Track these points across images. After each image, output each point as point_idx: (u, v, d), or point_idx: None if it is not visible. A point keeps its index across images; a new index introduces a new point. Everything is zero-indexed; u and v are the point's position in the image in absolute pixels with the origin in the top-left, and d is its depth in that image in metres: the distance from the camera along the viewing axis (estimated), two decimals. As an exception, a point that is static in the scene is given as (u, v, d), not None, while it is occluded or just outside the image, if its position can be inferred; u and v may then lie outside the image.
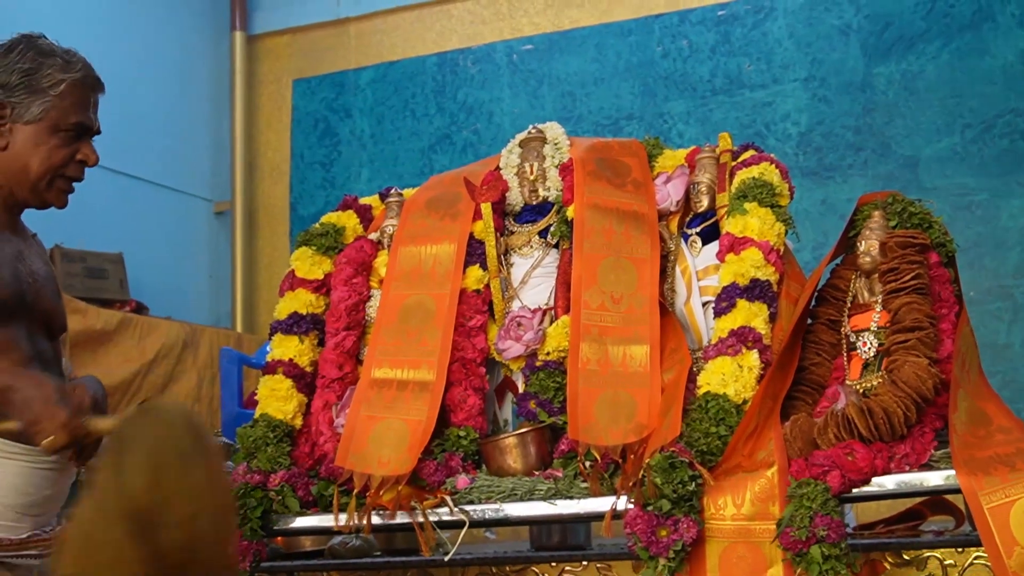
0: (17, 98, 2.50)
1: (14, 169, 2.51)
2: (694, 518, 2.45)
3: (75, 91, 2.56)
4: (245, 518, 2.83)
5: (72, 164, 2.58)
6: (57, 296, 2.64)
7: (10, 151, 2.51)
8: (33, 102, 2.51)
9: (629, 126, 7.00)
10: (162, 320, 6.70)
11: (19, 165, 2.51)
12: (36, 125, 2.52)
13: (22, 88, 2.50)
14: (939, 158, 6.36)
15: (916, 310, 2.62)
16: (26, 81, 2.51)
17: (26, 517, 2.42)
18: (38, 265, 2.58)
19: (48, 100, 2.52)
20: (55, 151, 2.54)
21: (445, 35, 7.63)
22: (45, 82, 2.52)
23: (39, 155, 2.52)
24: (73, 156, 2.57)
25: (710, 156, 3.10)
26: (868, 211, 2.87)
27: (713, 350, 2.73)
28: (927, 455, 2.50)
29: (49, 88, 2.52)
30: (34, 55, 2.53)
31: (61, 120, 2.53)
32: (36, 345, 2.51)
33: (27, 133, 2.51)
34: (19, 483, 2.39)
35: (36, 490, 2.43)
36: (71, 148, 2.56)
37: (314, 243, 3.34)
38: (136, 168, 7.09)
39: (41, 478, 2.43)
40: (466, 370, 3.03)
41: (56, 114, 2.53)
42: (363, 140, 7.76)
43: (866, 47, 6.59)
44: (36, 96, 2.51)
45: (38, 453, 2.40)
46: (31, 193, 2.54)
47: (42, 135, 2.52)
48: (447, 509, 2.77)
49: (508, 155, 3.31)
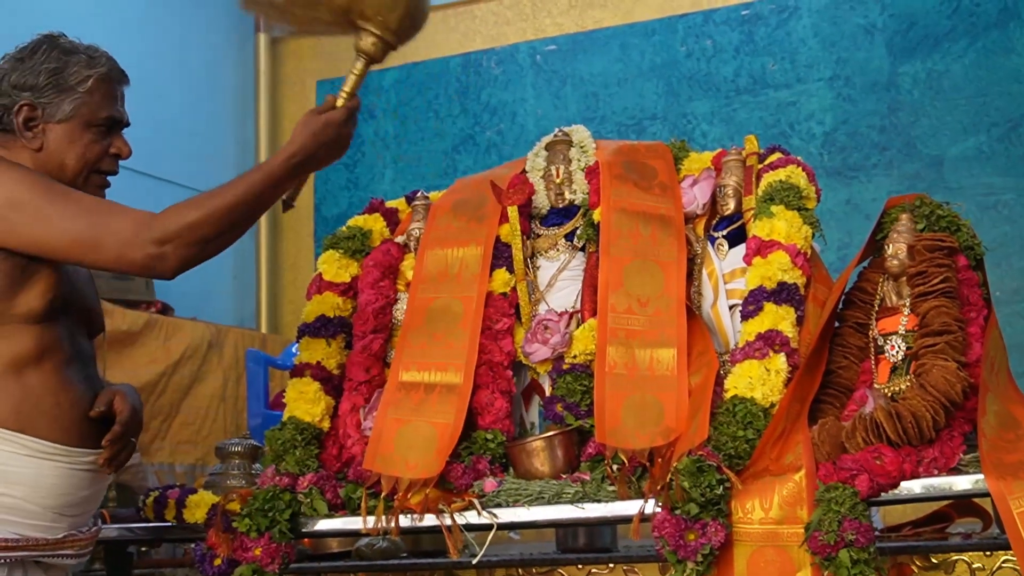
0: (47, 98, 2.53)
1: (50, 168, 2.54)
2: (722, 522, 2.44)
3: (103, 86, 2.60)
4: (274, 521, 2.84)
5: (106, 158, 2.62)
6: (96, 297, 2.68)
7: (45, 151, 2.54)
8: (63, 100, 2.54)
9: (653, 126, 6.99)
10: (187, 321, 6.73)
11: (55, 164, 2.54)
12: (68, 123, 2.55)
13: (50, 88, 2.54)
14: (965, 157, 6.33)
15: (944, 314, 2.61)
16: (54, 80, 2.54)
17: (63, 517, 2.45)
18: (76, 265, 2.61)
19: (78, 97, 2.55)
20: (89, 147, 2.57)
21: (469, 36, 7.63)
22: (73, 79, 2.55)
23: (74, 152, 2.55)
24: (107, 150, 2.61)
25: (736, 159, 3.10)
26: (895, 214, 2.86)
27: (740, 353, 2.73)
28: (956, 459, 2.49)
29: (77, 85, 2.55)
30: (59, 54, 2.56)
31: (92, 116, 2.57)
32: (77, 344, 2.54)
33: (59, 132, 2.55)
34: (56, 483, 2.42)
35: (73, 491, 2.46)
36: (104, 143, 2.60)
37: (341, 246, 3.35)
38: (161, 169, 7.11)
39: (78, 479, 2.46)
40: (493, 373, 3.03)
41: (87, 110, 2.56)
42: (387, 141, 7.77)
43: (891, 46, 6.57)
44: (65, 94, 2.54)
45: (74, 453, 2.44)
46: None
47: (75, 132, 2.55)
48: (474, 512, 2.78)
49: (534, 158, 3.31)
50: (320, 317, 3.26)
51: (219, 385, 6.73)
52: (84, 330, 2.59)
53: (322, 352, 3.21)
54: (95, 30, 2.80)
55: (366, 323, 3.20)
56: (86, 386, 2.53)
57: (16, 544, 2.36)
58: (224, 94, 8.03)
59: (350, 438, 3.06)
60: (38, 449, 2.38)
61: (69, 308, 2.51)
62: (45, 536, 2.41)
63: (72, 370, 2.50)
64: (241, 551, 2.82)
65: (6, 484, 2.35)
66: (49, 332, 2.44)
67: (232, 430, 6.52)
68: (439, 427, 2.91)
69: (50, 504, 2.41)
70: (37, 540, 2.40)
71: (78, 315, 2.56)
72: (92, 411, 2.48)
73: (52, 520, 2.43)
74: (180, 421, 6.49)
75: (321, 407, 3.13)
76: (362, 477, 2.90)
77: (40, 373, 2.42)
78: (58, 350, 2.46)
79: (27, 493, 2.38)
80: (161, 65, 7.13)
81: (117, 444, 2.50)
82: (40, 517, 2.40)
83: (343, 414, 3.13)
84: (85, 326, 2.60)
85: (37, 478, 2.39)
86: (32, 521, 2.39)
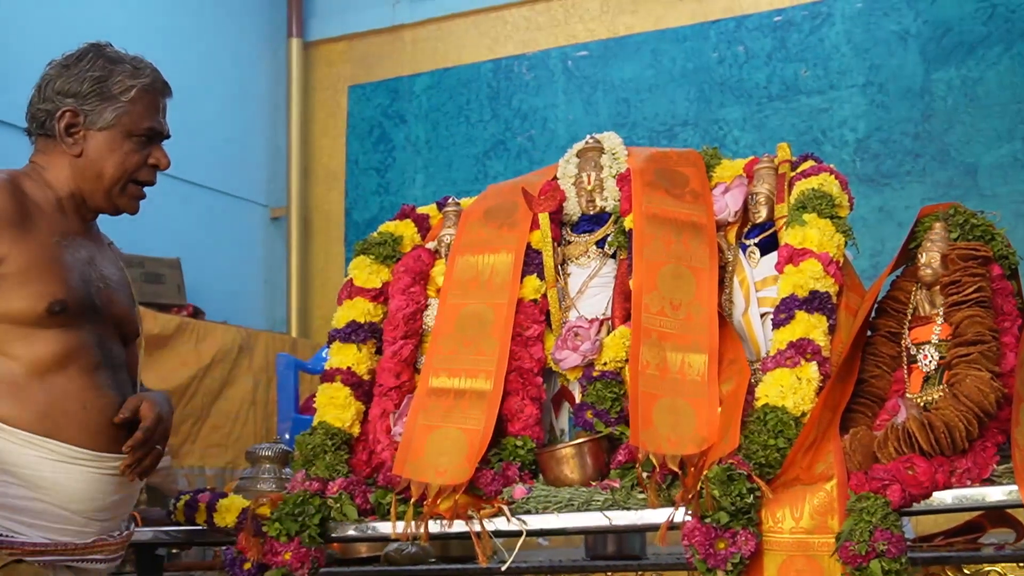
0: (90, 105, 2.55)
1: (89, 175, 2.57)
2: (752, 531, 2.44)
3: (146, 97, 2.61)
4: (303, 525, 2.85)
5: (144, 168, 2.63)
6: (131, 301, 2.69)
7: (84, 158, 2.56)
8: (106, 109, 2.56)
9: (684, 132, 6.99)
10: (218, 324, 6.78)
11: (94, 171, 2.57)
12: (109, 131, 2.57)
13: (94, 96, 2.55)
14: (999, 165, 6.29)
15: (978, 323, 2.59)
16: (98, 88, 2.56)
17: (92, 522, 2.46)
18: (111, 271, 2.62)
19: (120, 106, 2.57)
20: (129, 156, 2.59)
21: (500, 41, 7.65)
22: (116, 88, 2.57)
23: (113, 160, 2.57)
24: (145, 160, 2.62)
25: (768, 166, 3.09)
26: (929, 223, 2.84)
27: (771, 362, 2.72)
28: (989, 470, 2.47)
29: (120, 95, 2.57)
30: (104, 62, 2.58)
31: (134, 126, 2.59)
32: (107, 350, 2.54)
33: (100, 139, 2.57)
34: (85, 488, 2.42)
35: (102, 495, 2.46)
36: (143, 153, 2.62)
37: (372, 252, 3.36)
38: (194, 174, 7.16)
39: (107, 483, 2.46)
40: (523, 380, 3.03)
41: (128, 120, 2.58)
42: (418, 146, 7.80)
43: (925, 53, 6.53)
44: (108, 103, 2.56)
45: (102, 458, 2.44)
46: (105, 199, 2.59)
47: (115, 141, 2.57)
48: (503, 518, 2.77)
49: (565, 165, 3.31)
50: (351, 322, 3.27)
51: (249, 389, 6.77)
52: (116, 336, 2.60)
53: (352, 357, 3.22)
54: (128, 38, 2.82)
55: (396, 329, 3.21)
56: (116, 391, 2.53)
57: (46, 548, 2.37)
58: (256, 100, 8.08)
59: (380, 443, 3.07)
60: (65, 454, 2.39)
61: (96, 313, 2.52)
62: (75, 540, 2.42)
63: (101, 375, 2.50)
64: (271, 555, 2.83)
65: (35, 489, 2.37)
66: (74, 336, 2.44)
67: (262, 434, 6.56)
68: (469, 433, 2.92)
69: (79, 508, 2.42)
70: (67, 544, 2.41)
71: (109, 320, 2.57)
72: (117, 416, 2.49)
73: (82, 524, 2.44)
74: (211, 424, 6.53)
75: (351, 412, 3.14)
76: (392, 482, 2.91)
77: (66, 377, 2.43)
78: (85, 355, 2.46)
79: (56, 498, 2.39)
80: (194, 72, 7.18)
81: (139, 451, 2.49)
82: (69, 522, 2.41)
83: (373, 419, 3.13)
84: (117, 332, 2.61)
85: (66, 483, 2.39)
86: (61, 525, 2.40)
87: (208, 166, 7.39)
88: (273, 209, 8.10)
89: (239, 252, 7.82)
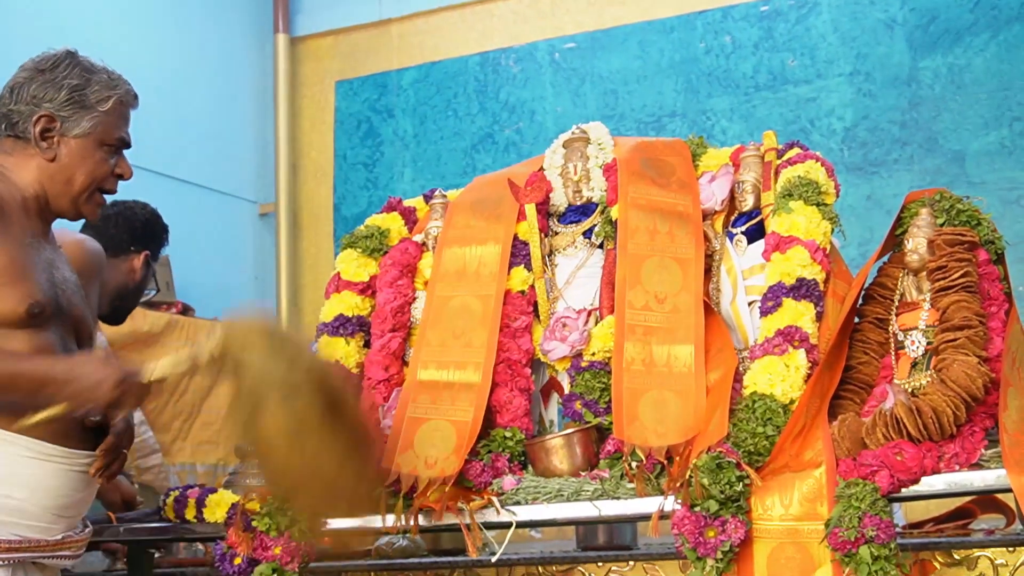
0: (66, 112, 2.57)
1: (58, 180, 2.58)
2: (742, 519, 2.44)
3: (120, 107, 2.65)
4: (293, 519, 2.84)
5: (111, 178, 2.65)
6: (85, 303, 2.70)
7: (56, 163, 2.58)
8: (83, 117, 2.58)
9: (672, 123, 6.98)
10: (208, 321, 6.75)
11: (64, 176, 2.58)
12: (84, 139, 2.59)
13: (71, 103, 2.57)
14: (987, 152, 6.28)
15: (965, 308, 2.59)
16: (76, 96, 2.58)
17: (61, 519, 2.48)
18: (67, 274, 2.64)
19: (97, 116, 2.59)
20: (100, 165, 2.62)
21: (487, 34, 7.62)
22: (94, 98, 2.59)
23: (85, 168, 2.60)
24: (113, 170, 2.64)
25: (755, 154, 3.09)
26: (915, 208, 2.84)
27: (759, 350, 2.72)
28: (977, 454, 2.48)
29: (97, 104, 2.59)
30: (81, 71, 2.60)
31: (107, 135, 2.62)
32: (69, 350, 2.56)
33: (74, 146, 2.58)
34: (57, 485, 2.44)
35: (71, 492, 2.48)
36: (111, 162, 2.64)
37: (359, 245, 3.36)
38: (181, 171, 7.13)
39: (76, 480, 2.48)
40: (512, 371, 3.03)
41: (103, 130, 2.61)
42: (406, 140, 7.77)
43: (912, 41, 6.53)
44: (85, 111, 2.58)
45: (73, 455, 2.45)
46: (70, 204, 2.61)
47: (88, 149, 2.60)
48: (493, 510, 2.77)
49: (552, 156, 3.31)
50: (339, 316, 3.27)
51: (241, 385, 6.74)
52: (73, 338, 2.62)
53: (341, 351, 3.22)
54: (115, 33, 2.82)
55: (384, 322, 3.20)
56: None
57: (18, 545, 2.39)
58: (243, 95, 8.05)
59: (369, 437, 3.07)
60: (41, 451, 2.40)
61: (60, 314, 2.53)
62: (45, 537, 2.44)
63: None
64: (261, 550, 2.83)
65: (10, 486, 2.38)
66: (42, 336, 2.46)
67: (254, 430, 6.53)
68: (458, 425, 2.92)
69: (49, 505, 2.44)
70: (38, 541, 2.42)
71: (69, 321, 2.59)
72: (88, 419, 2.49)
73: (51, 521, 2.45)
74: (202, 421, 6.50)
75: (340, 406, 3.13)
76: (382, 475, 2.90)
77: None
78: (52, 354, 2.48)
79: (29, 495, 2.40)
80: (180, 67, 7.15)
81: (110, 455, 2.53)
82: (40, 519, 2.43)
83: (362, 413, 3.13)
84: (74, 334, 2.63)
85: (40, 480, 2.41)
86: (32, 523, 2.42)
87: (195, 163, 7.35)
88: (261, 205, 8.07)
89: (228, 248, 7.79)
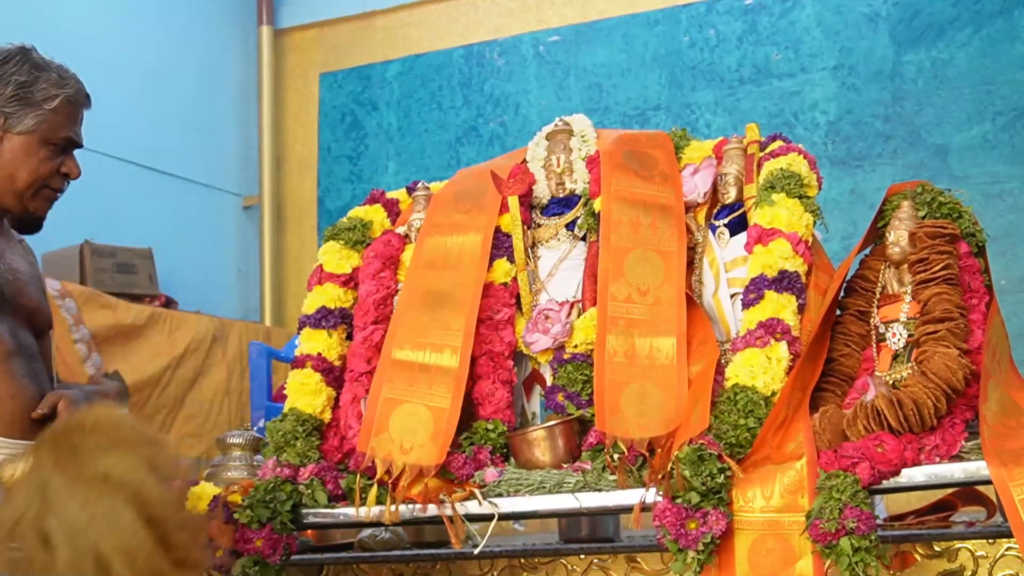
0: (11, 108, 2.58)
1: (1, 176, 2.59)
2: (723, 510, 2.44)
3: (68, 107, 2.64)
4: (275, 512, 2.84)
5: (56, 176, 2.65)
6: (42, 295, 2.70)
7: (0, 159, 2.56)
8: (27, 114, 2.58)
9: (656, 117, 6.99)
10: (191, 314, 6.74)
11: (6, 173, 2.60)
12: (28, 136, 2.59)
13: (17, 100, 2.58)
14: (969, 146, 6.31)
15: (946, 300, 2.60)
16: (22, 93, 2.58)
17: None
18: (21, 264, 2.65)
19: (42, 113, 2.59)
20: (43, 163, 2.62)
21: (472, 27, 7.63)
22: (40, 95, 2.60)
23: (28, 166, 2.60)
24: (58, 169, 2.64)
25: (737, 147, 3.09)
26: (897, 201, 2.85)
27: (741, 342, 2.72)
28: (957, 446, 2.48)
29: (43, 102, 2.60)
30: (30, 68, 2.60)
31: (52, 134, 2.62)
32: (20, 339, 2.56)
33: (17, 143, 2.59)
34: None
35: None
36: (56, 161, 2.64)
37: (342, 237, 3.35)
38: (165, 164, 7.12)
39: None
40: (494, 363, 3.03)
41: (48, 128, 2.61)
42: (390, 133, 7.77)
43: (895, 35, 6.55)
44: (30, 108, 2.59)
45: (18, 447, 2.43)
46: (15, 201, 2.62)
47: (32, 147, 2.60)
48: (475, 502, 2.77)
49: (535, 148, 3.31)
50: (321, 308, 3.26)
51: (223, 378, 6.74)
52: (27, 327, 2.61)
53: (323, 343, 3.21)
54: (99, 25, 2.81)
55: (367, 314, 3.20)
56: (31, 380, 2.55)
57: None
58: (227, 88, 8.03)
59: (351, 429, 3.06)
60: None
61: (6, 303, 2.54)
62: None
63: (14, 363, 2.52)
64: (243, 542, 2.82)
65: None
66: None
67: (237, 423, 6.53)
68: (435, 412, 2.90)
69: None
70: None
71: (20, 311, 2.58)
72: (35, 412, 2.49)
73: None
74: (184, 414, 6.50)
75: (322, 398, 3.13)
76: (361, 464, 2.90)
77: None
78: None
79: None
80: (164, 59, 7.13)
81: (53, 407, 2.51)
82: None
83: (344, 405, 3.12)
84: (28, 323, 2.62)
85: None
86: None
87: (179, 155, 7.34)
88: (245, 198, 8.07)
89: (212, 241, 7.78)
